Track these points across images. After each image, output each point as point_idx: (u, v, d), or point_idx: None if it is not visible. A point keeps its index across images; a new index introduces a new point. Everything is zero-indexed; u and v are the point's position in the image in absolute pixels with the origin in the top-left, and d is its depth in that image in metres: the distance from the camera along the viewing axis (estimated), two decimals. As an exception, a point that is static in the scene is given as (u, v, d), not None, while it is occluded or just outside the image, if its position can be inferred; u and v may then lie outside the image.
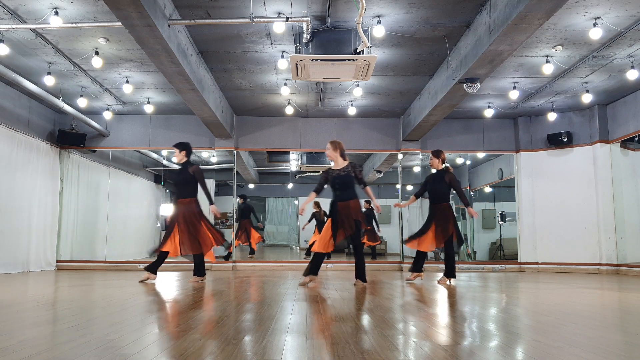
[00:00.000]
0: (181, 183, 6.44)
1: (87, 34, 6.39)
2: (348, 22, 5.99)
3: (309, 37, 5.84)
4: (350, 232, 5.87)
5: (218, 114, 8.48)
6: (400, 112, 9.97)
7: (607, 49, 6.75)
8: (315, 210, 12.35)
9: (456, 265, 6.69)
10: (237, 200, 11.26)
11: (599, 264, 9.39)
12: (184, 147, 6.50)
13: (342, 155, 6.11)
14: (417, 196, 6.97)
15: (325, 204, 7.47)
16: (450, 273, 6.46)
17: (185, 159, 6.48)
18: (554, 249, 9.81)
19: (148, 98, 9.12)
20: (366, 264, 6.21)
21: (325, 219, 12.87)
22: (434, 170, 6.75)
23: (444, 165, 6.65)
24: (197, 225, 6.27)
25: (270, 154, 10.99)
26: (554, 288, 6.15)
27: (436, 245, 6.53)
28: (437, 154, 6.69)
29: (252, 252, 11.43)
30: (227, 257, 10.12)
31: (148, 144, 10.27)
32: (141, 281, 6.27)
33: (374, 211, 11.78)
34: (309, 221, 12.40)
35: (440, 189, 6.56)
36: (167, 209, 13.59)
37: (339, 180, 5.99)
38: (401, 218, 10.40)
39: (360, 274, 6.04)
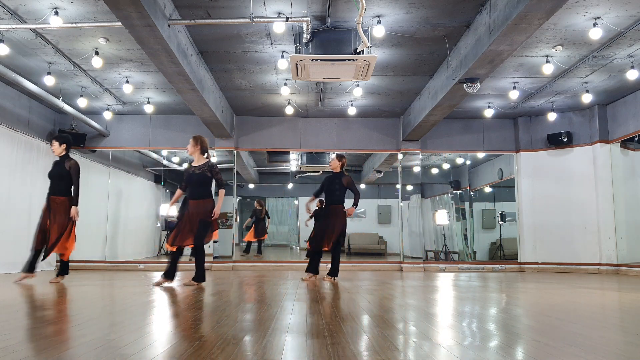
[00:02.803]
0: (55, 177, 6.15)
1: (87, 34, 6.39)
2: (348, 22, 5.99)
3: (309, 37, 5.84)
4: (191, 233, 5.72)
5: (218, 114, 8.48)
6: (400, 112, 9.97)
7: (607, 49, 6.75)
8: (257, 207, 12.52)
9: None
10: None
11: (599, 264, 9.38)
12: (63, 140, 6.15)
13: (203, 152, 5.87)
14: (316, 195, 7.15)
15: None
16: (333, 273, 6.72)
17: (64, 153, 6.14)
18: (554, 249, 9.80)
19: (148, 98, 9.12)
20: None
21: (267, 218, 13.24)
22: (332, 173, 7.00)
23: (343, 169, 6.93)
24: (65, 226, 6.19)
25: (270, 154, 10.98)
26: (554, 288, 6.15)
27: (327, 245, 6.72)
28: (339, 157, 6.97)
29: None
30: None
31: (148, 144, 10.28)
32: (19, 280, 6.10)
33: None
34: (251, 217, 12.75)
35: (335, 190, 6.81)
36: (167, 209, 13.61)
37: (193, 177, 5.83)
38: (401, 218, 10.39)
39: (199, 275, 5.91)
